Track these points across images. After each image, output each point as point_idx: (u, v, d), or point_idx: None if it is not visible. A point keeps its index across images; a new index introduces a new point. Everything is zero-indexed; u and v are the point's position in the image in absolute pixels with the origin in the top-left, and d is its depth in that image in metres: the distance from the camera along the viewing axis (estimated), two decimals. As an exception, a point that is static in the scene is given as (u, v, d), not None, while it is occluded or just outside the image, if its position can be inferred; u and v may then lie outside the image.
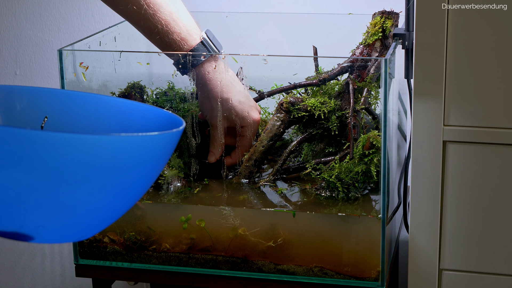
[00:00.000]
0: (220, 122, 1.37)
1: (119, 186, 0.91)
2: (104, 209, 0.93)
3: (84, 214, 0.91)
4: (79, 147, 0.86)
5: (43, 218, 0.90)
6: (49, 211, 0.89)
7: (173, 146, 0.96)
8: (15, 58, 1.93)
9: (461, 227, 1.24)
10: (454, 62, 1.18)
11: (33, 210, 0.89)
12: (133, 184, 0.94)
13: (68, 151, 0.85)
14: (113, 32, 1.51)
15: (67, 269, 2.05)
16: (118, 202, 0.94)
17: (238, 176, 1.40)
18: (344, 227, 1.30)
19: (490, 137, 1.19)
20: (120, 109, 1.08)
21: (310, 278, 1.30)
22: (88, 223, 0.93)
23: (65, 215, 0.90)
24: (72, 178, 0.87)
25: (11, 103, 1.07)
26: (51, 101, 1.09)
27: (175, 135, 0.94)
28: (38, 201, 0.88)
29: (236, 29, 1.71)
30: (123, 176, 0.90)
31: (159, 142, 0.93)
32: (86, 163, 0.87)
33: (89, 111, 1.08)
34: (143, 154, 0.91)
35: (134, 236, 1.37)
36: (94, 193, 0.90)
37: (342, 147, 1.37)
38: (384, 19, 1.38)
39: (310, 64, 1.43)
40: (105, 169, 0.88)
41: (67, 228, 0.92)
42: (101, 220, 0.95)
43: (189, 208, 1.35)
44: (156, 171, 0.96)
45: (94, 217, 0.93)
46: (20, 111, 1.07)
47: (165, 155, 0.95)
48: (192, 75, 1.36)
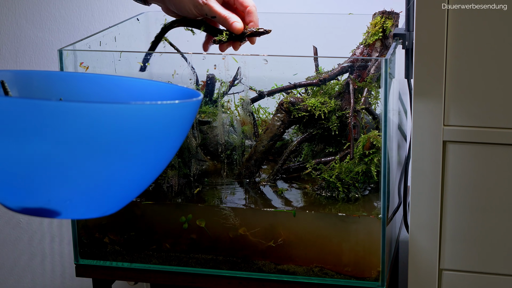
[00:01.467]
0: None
1: (144, 156, 0.93)
2: (129, 180, 0.94)
3: (111, 186, 0.92)
4: (104, 117, 0.87)
5: (71, 192, 0.91)
6: (77, 184, 0.90)
7: (193, 115, 0.97)
8: (15, 58, 1.93)
9: (461, 227, 1.24)
10: (454, 62, 1.18)
11: (62, 184, 0.90)
12: (157, 154, 0.95)
13: (93, 121, 0.86)
14: (113, 32, 1.51)
15: (67, 269, 2.05)
16: (142, 173, 0.95)
17: (238, 176, 1.40)
18: (344, 227, 1.30)
19: (490, 137, 1.19)
20: (133, 88, 1.09)
21: (310, 278, 1.31)
22: (114, 196, 0.94)
23: (93, 187, 0.91)
24: (98, 149, 0.88)
25: (29, 87, 1.08)
26: (65, 83, 1.10)
27: (195, 104, 0.96)
28: (67, 174, 0.89)
29: (236, 29, 1.70)
30: (147, 146, 0.92)
31: (181, 111, 0.94)
32: (112, 133, 0.88)
33: (102, 91, 1.09)
34: (166, 123, 0.92)
35: (134, 236, 1.37)
36: (120, 164, 0.91)
37: (342, 147, 1.37)
38: (384, 19, 1.38)
39: (310, 64, 1.43)
40: (130, 139, 0.89)
41: (94, 201, 0.93)
42: (127, 192, 0.96)
43: (189, 208, 1.35)
44: (177, 141, 0.97)
45: (120, 189, 0.94)
46: (37, 94, 1.09)
47: (186, 125, 0.97)
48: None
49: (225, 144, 1.44)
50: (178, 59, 1.41)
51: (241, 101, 1.43)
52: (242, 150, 1.43)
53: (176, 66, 1.41)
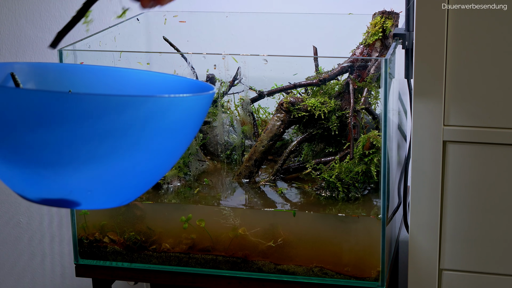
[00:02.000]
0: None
1: (161, 147, 0.94)
2: (146, 171, 0.95)
3: (130, 176, 0.94)
4: (127, 109, 0.88)
5: (93, 182, 0.92)
6: (99, 175, 0.91)
7: (207, 108, 0.98)
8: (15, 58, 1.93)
9: (461, 227, 1.24)
10: (454, 62, 1.18)
11: (85, 175, 0.91)
12: (173, 145, 0.96)
13: (115, 113, 0.88)
14: (113, 32, 1.51)
15: (67, 269, 2.05)
16: (159, 164, 0.97)
17: (238, 176, 1.40)
18: (344, 227, 1.30)
19: (490, 137, 1.19)
20: (142, 80, 1.10)
21: (310, 278, 1.31)
22: (132, 186, 0.96)
23: (114, 178, 0.93)
24: (121, 140, 0.90)
25: (44, 79, 1.10)
26: (72, 76, 1.11)
27: (210, 97, 0.97)
28: (90, 165, 0.90)
29: (236, 29, 1.71)
30: (165, 137, 0.93)
31: (197, 103, 0.96)
32: (133, 125, 0.89)
33: (111, 83, 1.11)
34: (183, 115, 0.94)
35: (134, 236, 1.37)
36: (139, 155, 0.92)
37: (342, 147, 1.37)
38: (384, 19, 1.38)
39: (310, 64, 1.43)
40: (149, 130, 0.91)
41: (113, 191, 0.95)
42: (144, 182, 0.97)
43: (189, 208, 1.35)
44: (192, 133, 0.99)
45: (138, 179, 0.95)
46: (49, 85, 1.10)
47: (200, 117, 0.98)
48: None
49: (225, 144, 1.44)
50: (178, 59, 1.41)
51: (241, 101, 1.43)
52: (242, 150, 1.43)
53: (176, 66, 1.41)
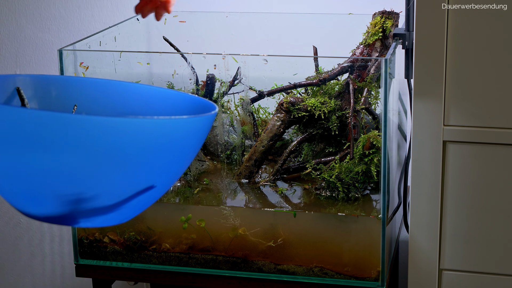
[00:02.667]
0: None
1: (161, 166, 0.95)
2: (146, 191, 0.95)
3: (130, 196, 0.94)
4: (124, 130, 0.89)
5: (93, 201, 0.93)
6: (98, 194, 0.92)
7: (208, 127, 0.99)
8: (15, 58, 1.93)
9: (461, 227, 1.24)
10: (454, 62, 1.18)
11: (85, 194, 0.92)
12: (173, 165, 0.97)
13: (114, 134, 0.88)
14: (113, 32, 1.51)
15: (67, 269, 2.05)
16: (158, 183, 0.97)
17: (238, 176, 1.40)
18: (344, 227, 1.30)
19: (490, 137, 1.19)
20: (144, 95, 1.11)
21: (310, 278, 1.30)
22: (131, 204, 0.96)
23: (112, 196, 0.93)
24: (120, 160, 0.90)
25: (38, 93, 1.10)
26: (76, 89, 1.12)
27: (211, 118, 0.97)
28: (90, 184, 0.91)
29: (236, 29, 1.71)
30: (164, 157, 0.94)
31: (196, 124, 0.96)
32: (130, 145, 0.90)
33: (114, 97, 1.11)
34: (182, 136, 0.94)
35: (134, 236, 1.37)
36: (139, 175, 0.93)
37: (342, 147, 1.37)
38: (384, 19, 1.38)
39: (310, 64, 1.43)
40: (148, 151, 0.91)
41: (112, 210, 0.95)
42: (143, 201, 0.98)
43: (189, 208, 1.35)
44: (193, 152, 0.99)
45: (138, 199, 0.96)
46: (53, 99, 1.11)
47: (201, 137, 0.98)
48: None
49: (225, 144, 1.44)
50: (178, 59, 1.41)
51: (241, 101, 1.43)
52: (242, 150, 1.43)
53: (176, 66, 1.41)
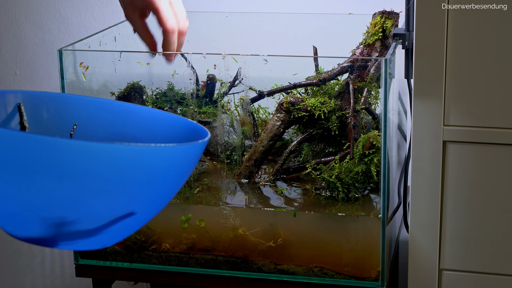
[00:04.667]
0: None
1: (149, 194, 0.94)
2: (130, 217, 0.95)
3: (111, 220, 0.94)
4: (108, 156, 0.88)
5: (74, 226, 0.92)
6: (80, 218, 0.92)
7: (198, 156, 0.98)
8: (15, 58, 1.93)
9: (461, 227, 1.24)
10: (454, 62, 1.18)
11: (67, 218, 0.92)
12: (159, 193, 0.96)
13: (99, 160, 0.88)
14: (113, 32, 1.51)
15: (67, 269, 2.05)
16: (144, 211, 0.97)
17: (238, 176, 1.40)
18: (344, 227, 1.30)
19: (490, 137, 1.19)
20: (145, 118, 1.11)
21: (310, 278, 1.31)
22: (113, 230, 0.95)
23: (93, 221, 0.93)
24: (105, 187, 0.90)
25: (39, 110, 1.10)
26: (77, 108, 1.11)
27: (200, 146, 0.97)
28: (73, 209, 0.91)
29: (236, 29, 1.71)
30: (152, 185, 0.93)
31: (185, 153, 0.95)
32: (118, 171, 0.89)
33: (114, 118, 1.10)
34: (168, 164, 0.93)
35: (134, 236, 1.37)
36: (124, 201, 0.92)
37: (342, 147, 1.37)
38: (384, 19, 1.38)
39: (310, 64, 1.43)
40: (135, 178, 0.91)
41: (94, 234, 0.94)
42: (126, 227, 0.97)
43: (189, 208, 1.35)
44: (181, 179, 0.99)
45: (122, 225, 0.95)
46: (47, 117, 1.10)
47: (189, 166, 0.98)
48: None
49: (225, 145, 1.44)
50: (178, 59, 1.41)
51: (241, 101, 1.43)
52: (242, 150, 1.43)
53: (176, 66, 1.41)
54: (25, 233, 0.93)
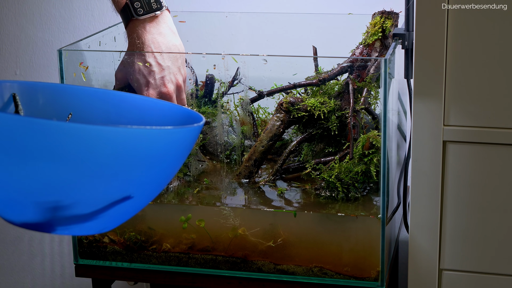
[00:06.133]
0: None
1: (145, 177, 0.94)
2: (128, 201, 0.95)
3: (108, 204, 0.94)
4: (106, 139, 0.88)
5: (71, 210, 0.92)
6: (77, 202, 0.92)
7: (193, 139, 0.98)
8: (15, 58, 1.93)
9: (461, 227, 1.24)
10: (454, 62, 1.18)
11: (63, 203, 0.91)
12: (157, 176, 0.96)
13: (96, 143, 0.88)
14: (113, 32, 1.51)
15: (67, 269, 2.05)
16: (141, 194, 0.97)
17: (238, 176, 1.40)
18: (344, 227, 1.30)
19: (490, 137, 1.19)
20: (139, 106, 1.11)
21: (310, 278, 1.30)
22: (110, 214, 0.95)
23: (91, 206, 0.93)
24: (103, 170, 0.90)
25: (34, 100, 1.10)
26: (72, 98, 1.11)
27: (195, 130, 0.97)
28: (70, 193, 0.90)
29: (236, 29, 1.71)
30: (147, 168, 0.93)
31: (182, 135, 0.95)
32: (114, 155, 0.89)
33: (109, 108, 1.11)
34: (166, 147, 0.94)
35: (134, 236, 1.37)
36: (121, 185, 0.92)
37: (342, 147, 1.37)
38: (384, 19, 1.38)
39: (309, 64, 1.43)
40: (132, 161, 0.91)
41: (91, 219, 0.94)
42: (123, 211, 0.97)
43: (189, 208, 1.35)
44: (177, 163, 0.99)
45: (119, 209, 0.95)
46: (42, 107, 1.10)
47: (185, 149, 0.98)
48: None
49: (225, 144, 1.44)
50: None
51: (241, 101, 1.43)
52: (242, 150, 1.43)
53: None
54: (21, 218, 0.93)
